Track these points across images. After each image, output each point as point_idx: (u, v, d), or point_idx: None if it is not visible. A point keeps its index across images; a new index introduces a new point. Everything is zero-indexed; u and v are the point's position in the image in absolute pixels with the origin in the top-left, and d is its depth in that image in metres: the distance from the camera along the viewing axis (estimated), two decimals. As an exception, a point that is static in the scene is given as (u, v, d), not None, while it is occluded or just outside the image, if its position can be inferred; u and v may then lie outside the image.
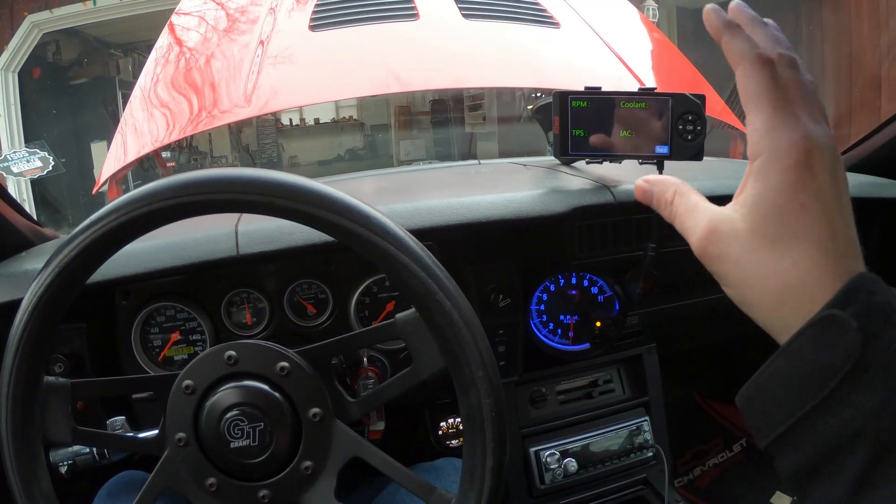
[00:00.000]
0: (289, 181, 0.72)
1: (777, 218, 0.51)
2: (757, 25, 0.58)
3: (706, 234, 0.55)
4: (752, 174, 0.53)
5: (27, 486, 0.77)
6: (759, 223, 0.51)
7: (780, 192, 0.51)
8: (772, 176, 0.51)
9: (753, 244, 0.51)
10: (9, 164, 2.59)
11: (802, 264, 0.49)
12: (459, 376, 0.75)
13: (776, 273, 0.50)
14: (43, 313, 0.74)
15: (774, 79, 0.53)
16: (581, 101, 1.10)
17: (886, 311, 0.45)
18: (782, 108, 0.52)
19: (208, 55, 2.48)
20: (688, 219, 0.57)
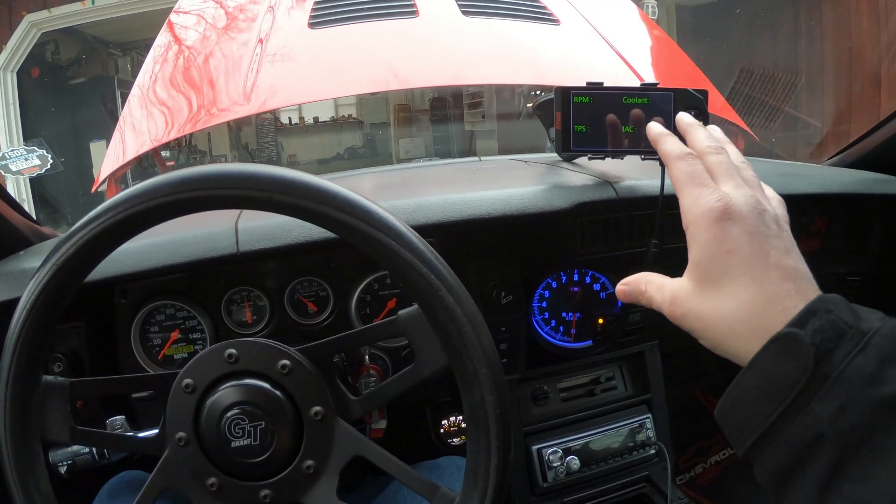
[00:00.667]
0: (289, 176, 0.71)
1: (712, 267, 0.61)
2: (693, 129, 0.75)
3: (671, 301, 0.65)
4: (688, 243, 0.64)
5: (25, 486, 0.77)
6: (700, 276, 0.63)
7: (709, 247, 0.61)
8: (699, 236, 0.62)
9: (702, 295, 0.62)
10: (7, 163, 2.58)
11: (744, 298, 0.59)
12: (462, 373, 0.75)
13: (725, 312, 0.60)
14: (41, 312, 0.74)
15: (693, 165, 0.67)
16: (583, 97, 1.09)
17: (841, 328, 0.51)
18: (701, 184, 0.65)
19: (207, 53, 2.48)
20: (657, 296, 0.68)
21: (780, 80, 6.14)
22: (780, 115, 6.03)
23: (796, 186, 1.42)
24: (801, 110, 6.05)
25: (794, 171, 1.60)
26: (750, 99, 6.15)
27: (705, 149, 0.69)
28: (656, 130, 0.77)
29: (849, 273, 1.63)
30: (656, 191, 1.12)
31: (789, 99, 6.09)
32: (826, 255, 1.60)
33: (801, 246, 1.54)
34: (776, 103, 6.08)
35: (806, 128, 6.01)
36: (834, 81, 5.84)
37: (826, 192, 1.46)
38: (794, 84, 6.11)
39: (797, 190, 1.41)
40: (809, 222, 1.56)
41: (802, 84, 6.09)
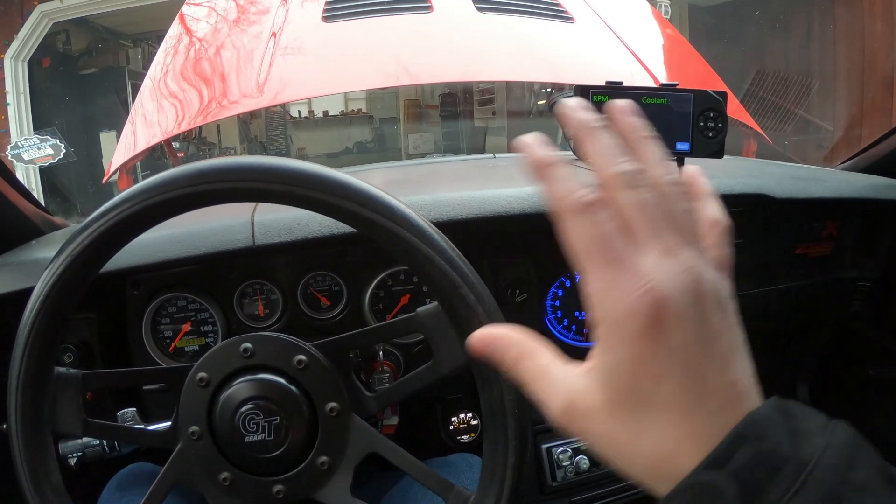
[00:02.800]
0: (310, 170, 0.71)
1: (631, 392, 0.42)
2: (595, 134, 0.46)
3: (565, 408, 0.45)
4: (601, 342, 0.44)
5: (36, 478, 0.76)
6: (614, 396, 0.43)
7: (631, 366, 0.42)
8: (618, 348, 0.42)
9: (615, 419, 0.43)
10: (20, 152, 2.59)
11: (668, 435, 0.41)
12: (482, 372, 0.74)
13: (643, 448, 0.43)
14: (54, 303, 0.73)
15: (597, 225, 0.43)
16: (602, 96, 1.08)
17: (774, 460, 0.38)
18: (614, 261, 0.42)
19: (219, 45, 2.48)
20: (540, 387, 0.47)
21: (794, 84, 6.13)
22: (793, 118, 6.02)
23: (810, 190, 1.41)
24: (814, 114, 6.04)
25: (808, 174, 1.59)
26: (763, 101, 6.15)
27: (614, 178, 0.44)
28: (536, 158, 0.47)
29: (859, 278, 1.62)
30: (674, 191, 1.11)
31: (803, 102, 6.08)
32: (837, 259, 1.59)
33: (812, 250, 1.53)
34: (789, 106, 6.07)
35: (818, 131, 6.00)
36: (846, 85, 5.82)
37: (838, 196, 1.45)
38: (807, 87, 6.09)
39: (811, 194, 1.41)
40: (821, 226, 1.55)
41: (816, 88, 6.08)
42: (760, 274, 1.43)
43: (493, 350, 0.50)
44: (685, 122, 1.07)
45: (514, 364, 0.49)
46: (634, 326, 0.41)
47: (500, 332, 0.51)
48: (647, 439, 0.42)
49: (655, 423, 0.42)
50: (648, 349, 0.41)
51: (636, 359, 0.42)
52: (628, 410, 0.42)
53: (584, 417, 0.44)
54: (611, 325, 0.42)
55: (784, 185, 1.37)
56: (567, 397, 0.45)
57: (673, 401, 0.41)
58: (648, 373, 0.41)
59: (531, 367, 0.48)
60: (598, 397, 0.43)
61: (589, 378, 0.44)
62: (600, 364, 0.43)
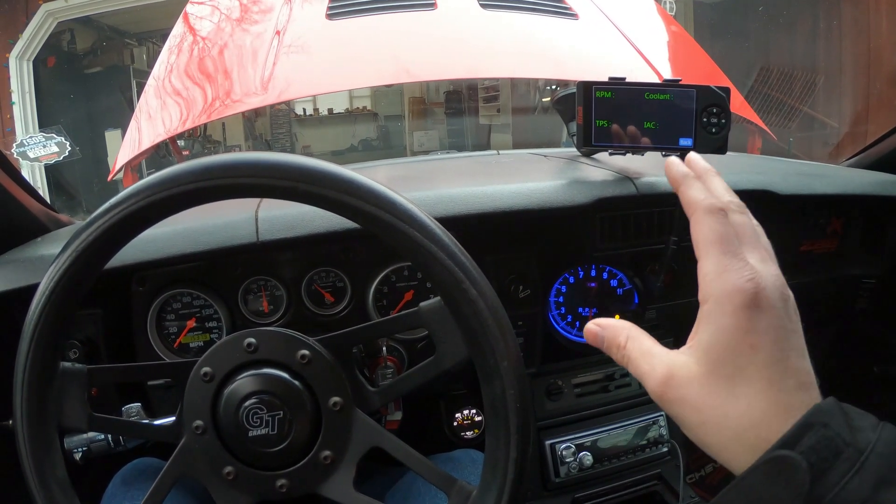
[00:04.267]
0: (314, 166, 0.71)
1: (729, 360, 0.52)
2: (710, 175, 0.63)
3: (664, 379, 0.55)
4: (703, 318, 0.54)
5: (41, 472, 0.76)
6: (712, 366, 0.53)
7: (731, 335, 0.52)
8: (721, 319, 0.53)
9: (709, 387, 0.52)
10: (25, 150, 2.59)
11: (757, 404, 0.50)
12: (484, 366, 0.74)
13: (732, 415, 0.51)
14: (60, 299, 0.73)
15: (725, 225, 0.57)
16: (605, 92, 1.09)
17: (838, 445, 0.46)
18: (731, 253, 0.55)
19: (224, 44, 2.48)
20: (643, 363, 0.58)
21: (799, 80, 6.11)
22: (798, 114, 6.00)
23: (815, 187, 1.41)
24: (819, 110, 6.02)
25: (813, 171, 1.59)
26: (768, 98, 6.13)
27: (728, 204, 0.59)
28: (678, 171, 0.64)
29: (864, 275, 1.62)
30: (676, 187, 1.11)
31: (808, 99, 6.06)
32: (842, 256, 1.59)
33: (817, 247, 1.53)
34: (794, 103, 6.06)
35: (823, 128, 5.98)
36: (852, 82, 5.81)
37: (844, 192, 1.45)
38: (812, 84, 6.08)
39: (816, 190, 1.41)
40: (826, 223, 1.55)
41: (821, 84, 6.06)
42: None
43: (607, 335, 0.62)
44: (688, 117, 1.08)
45: (624, 345, 0.60)
46: (739, 300, 0.52)
47: (611, 321, 0.63)
48: (737, 406, 0.51)
49: (747, 392, 0.51)
50: (747, 321, 0.51)
51: (736, 329, 0.52)
52: (724, 378, 0.52)
53: (681, 386, 0.54)
54: (718, 299, 0.53)
55: (789, 182, 1.37)
56: (667, 370, 0.55)
57: (763, 372, 0.51)
58: (745, 343, 0.51)
59: (637, 347, 0.59)
60: (696, 369, 0.53)
61: (688, 353, 0.55)
62: (703, 338, 0.54)
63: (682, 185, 0.62)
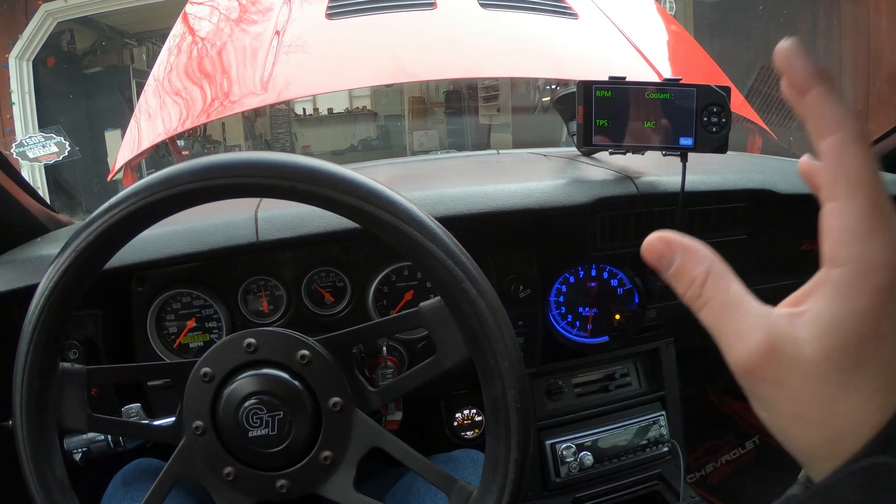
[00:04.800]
0: (313, 165, 0.71)
1: (854, 349, 0.39)
2: (832, 86, 0.41)
3: (762, 350, 0.40)
4: (832, 287, 0.40)
5: (41, 474, 0.76)
6: (831, 353, 0.39)
7: (865, 319, 0.39)
8: (858, 297, 0.39)
9: (820, 375, 0.39)
10: (25, 150, 2.59)
11: (868, 405, 0.39)
12: (484, 366, 0.74)
13: (837, 412, 0.39)
14: (59, 299, 0.73)
15: (874, 165, 0.40)
16: (606, 91, 1.09)
17: None
18: (882, 206, 0.39)
19: (223, 43, 2.48)
20: (729, 318, 0.42)
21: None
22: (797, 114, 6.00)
23: (817, 186, 1.41)
24: (818, 109, 6.02)
25: (814, 169, 1.58)
26: (768, 97, 6.13)
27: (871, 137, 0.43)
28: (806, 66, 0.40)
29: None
30: (677, 187, 1.12)
31: (808, 98, 6.06)
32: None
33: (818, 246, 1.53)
34: (793, 104, 6.05)
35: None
36: (852, 81, 5.80)
37: None
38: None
39: (818, 190, 1.40)
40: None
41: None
42: (766, 270, 1.43)
43: (680, 261, 0.43)
44: (689, 117, 1.08)
45: (703, 281, 0.43)
46: (885, 278, 0.38)
47: (689, 242, 0.43)
48: (844, 405, 0.39)
49: (860, 388, 0.39)
50: (887, 305, 0.38)
51: (873, 312, 0.38)
52: (839, 371, 0.39)
53: (785, 365, 0.40)
54: (859, 269, 0.39)
55: (788, 180, 1.37)
56: (769, 338, 0.40)
57: (884, 368, 0.39)
58: (876, 332, 0.39)
59: (722, 292, 0.42)
60: (807, 348, 0.40)
61: (802, 323, 0.40)
62: (827, 313, 0.40)
63: (817, 89, 0.39)
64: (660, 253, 0.44)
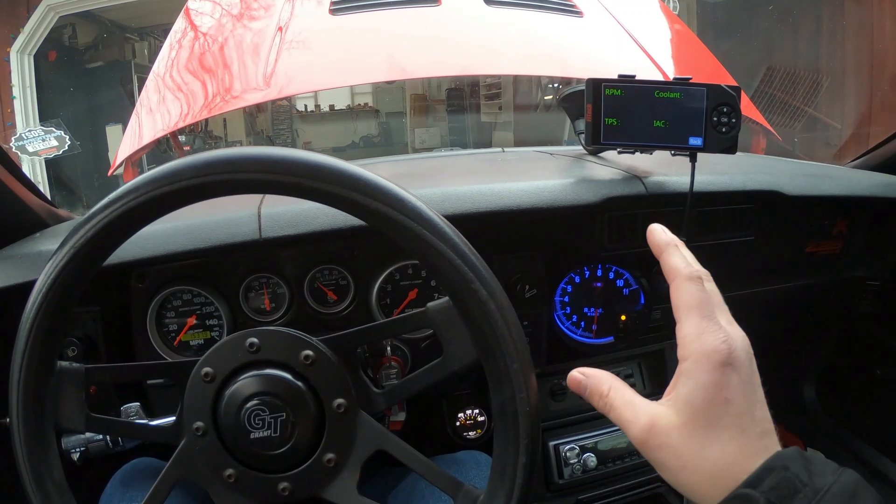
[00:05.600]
0: (319, 161, 0.69)
1: (706, 412, 0.57)
2: (682, 247, 0.67)
3: (647, 426, 0.60)
4: (682, 374, 0.59)
5: (38, 473, 0.75)
6: (691, 417, 0.58)
7: (709, 390, 0.57)
8: (700, 376, 0.58)
9: (688, 435, 0.58)
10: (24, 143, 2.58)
11: (729, 450, 0.56)
12: (493, 369, 0.73)
13: (708, 458, 0.56)
14: (57, 296, 0.72)
15: (702, 292, 0.62)
16: (615, 90, 1.07)
17: (795, 485, 0.51)
18: (708, 317, 0.60)
19: (225, 39, 2.47)
20: (625, 412, 0.63)
21: (803, 81, 6.10)
22: (802, 115, 6.00)
23: (822, 188, 1.41)
24: (822, 111, 6.01)
25: (819, 171, 1.58)
26: (772, 98, 6.12)
27: (701, 273, 0.64)
28: (661, 238, 0.69)
29: (868, 278, 1.61)
30: (685, 187, 1.10)
31: (812, 100, 6.05)
32: (846, 258, 1.59)
33: (822, 248, 1.52)
34: (798, 104, 6.05)
35: (826, 129, 5.97)
36: (856, 83, 5.79)
37: (850, 194, 1.44)
38: (817, 85, 6.07)
39: (823, 191, 1.40)
40: (832, 224, 1.54)
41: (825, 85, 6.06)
42: (771, 271, 1.42)
43: (590, 383, 0.67)
44: (698, 116, 1.07)
45: (606, 394, 0.65)
46: (715, 360, 0.57)
47: (594, 371, 0.68)
48: (712, 452, 0.56)
49: (721, 438, 0.56)
50: (722, 378, 0.57)
51: (713, 384, 0.57)
52: (701, 427, 0.57)
53: (663, 433, 0.59)
54: (697, 358, 0.58)
55: (796, 182, 1.36)
56: (649, 419, 0.60)
57: (735, 422, 0.57)
58: (720, 397, 0.57)
59: (619, 396, 0.64)
60: (676, 418, 0.59)
61: (668, 405, 0.60)
62: (682, 392, 0.59)
63: (664, 252, 0.67)
64: (578, 381, 0.68)
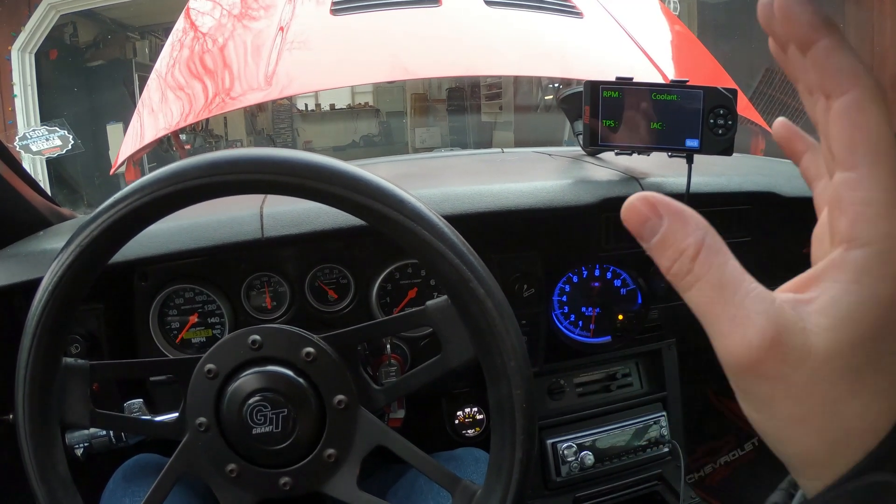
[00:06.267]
0: (321, 162, 0.70)
1: (871, 345, 0.33)
2: (843, 41, 0.34)
3: (766, 342, 0.33)
4: (848, 269, 0.33)
5: (43, 468, 0.76)
6: (846, 347, 0.33)
7: (887, 311, 0.33)
8: (882, 283, 0.33)
9: (829, 372, 0.33)
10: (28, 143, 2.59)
11: (875, 406, 0.34)
12: (490, 366, 0.74)
13: (842, 415, 0.34)
14: (63, 294, 0.73)
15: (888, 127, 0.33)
16: (612, 92, 1.08)
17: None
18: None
19: (226, 38, 2.48)
20: (727, 304, 0.35)
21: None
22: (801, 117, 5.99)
23: (819, 189, 1.41)
24: (822, 112, 6.01)
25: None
26: (772, 100, 6.12)
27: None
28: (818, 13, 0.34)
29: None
30: (682, 188, 1.11)
31: (812, 101, 6.05)
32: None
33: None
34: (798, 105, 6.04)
35: (825, 130, 5.97)
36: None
37: None
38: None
39: (820, 192, 1.40)
40: (829, 225, 1.55)
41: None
42: (767, 273, 1.42)
43: (664, 228, 0.36)
44: (695, 118, 1.07)
45: (693, 256, 0.35)
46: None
47: (679, 206, 0.36)
48: (853, 405, 0.34)
49: (870, 388, 0.34)
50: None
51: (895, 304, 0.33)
52: (854, 368, 0.33)
53: (790, 361, 0.34)
54: (884, 249, 0.33)
55: (793, 184, 1.36)
56: (773, 328, 0.34)
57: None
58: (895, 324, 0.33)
59: (718, 267, 0.35)
60: (817, 341, 0.33)
61: (812, 311, 0.34)
62: (839, 298, 0.34)
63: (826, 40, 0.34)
64: (643, 217, 0.37)
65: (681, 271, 0.36)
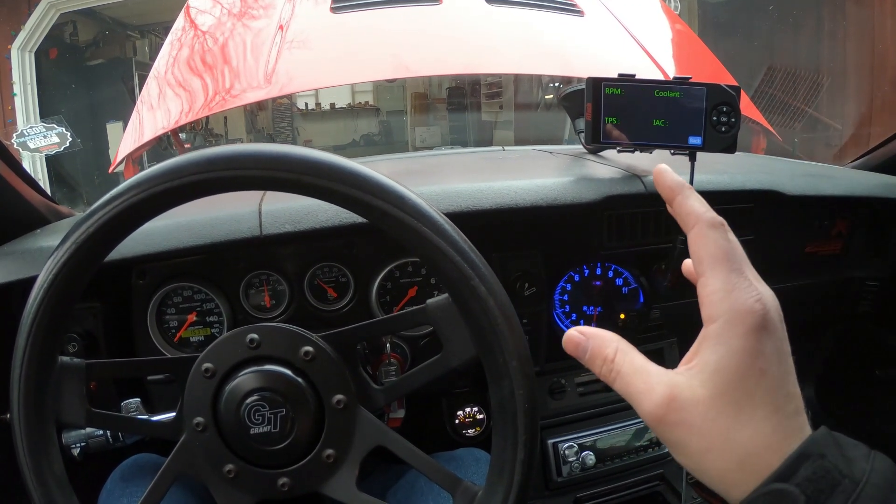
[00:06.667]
0: (319, 158, 0.69)
1: (739, 384, 0.48)
2: (691, 190, 0.56)
3: (666, 400, 0.50)
4: (711, 338, 0.50)
5: (39, 468, 0.75)
6: (721, 390, 0.49)
7: (742, 358, 0.48)
8: (732, 341, 0.49)
9: (716, 411, 0.48)
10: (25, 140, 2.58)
11: (762, 430, 0.48)
12: (492, 366, 0.73)
13: (738, 442, 0.48)
14: (58, 292, 0.72)
15: (728, 241, 0.52)
16: (615, 89, 1.07)
17: (834, 477, 0.45)
18: (737, 271, 0.51)
19: (226, 37, 2.47)
20: (636, 381, 0.52)
21: (804, 81, 6.09)
22: (803, 116, 5.99)
23: (822, 188, 1.41)
24: (822, 112, 6.00)
25: (820, 171, 1.58)
26: (773, 99, 6.11)
27: (724, 221, 0.54)
28: (672, 179, 0.57)
29: (868, 278, 1.61)
30: (685, 186, 1.10)
31: (812, 100, 6.04)
32: (846, 258, 1.58)
33: (822, 249, 1.53)
34: (799, 104, 6.04)
35: (827, 129, 5.96)
36: (856, 83, 5.78)
37: (850, 194, 1.44)
38: (817, 85, 6.06)
39: (823, 191, 1.40)
40: (831, 225, 1.54)
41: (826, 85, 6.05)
42: (770, 271, 1.41)
43: (592, 345, 0.56)
44: (698, 116, 1.07)
45: (612, 358, 0.54)
46: (749, 323, 0.49)
47: (596, 330, 0.56)
48: (743, 433, 0.48)
49: (753, 417, 0.48)
50: (757, 345, 0.48)
51: (748, 352, 0.48)
52: (732, 403, 0.48)
53: (685, 409, 0.49)
54: (728, 321, 0.49)
55: (796, 182, 1.36)
56: (667, 391, 0.50)
57: (769, 397, 0.48)
58: (755, 367, 0.48)
59: (629, 362, 0.54)
60: (701, 391, 0.49)
61: (691, 374, 0.50)
62: (710, 360, 0.50)
63: (678, 194, 0.56)
64: (576, 342, 0.57)
65: (607, 370, 0.54)
